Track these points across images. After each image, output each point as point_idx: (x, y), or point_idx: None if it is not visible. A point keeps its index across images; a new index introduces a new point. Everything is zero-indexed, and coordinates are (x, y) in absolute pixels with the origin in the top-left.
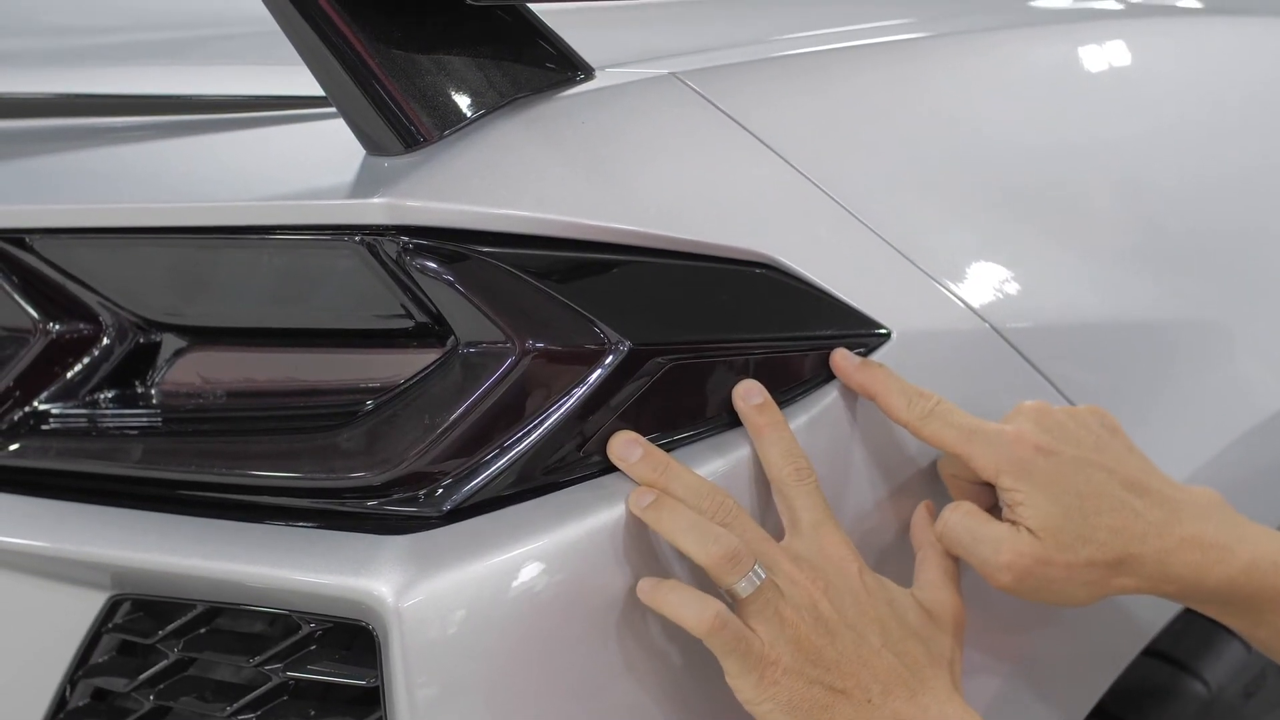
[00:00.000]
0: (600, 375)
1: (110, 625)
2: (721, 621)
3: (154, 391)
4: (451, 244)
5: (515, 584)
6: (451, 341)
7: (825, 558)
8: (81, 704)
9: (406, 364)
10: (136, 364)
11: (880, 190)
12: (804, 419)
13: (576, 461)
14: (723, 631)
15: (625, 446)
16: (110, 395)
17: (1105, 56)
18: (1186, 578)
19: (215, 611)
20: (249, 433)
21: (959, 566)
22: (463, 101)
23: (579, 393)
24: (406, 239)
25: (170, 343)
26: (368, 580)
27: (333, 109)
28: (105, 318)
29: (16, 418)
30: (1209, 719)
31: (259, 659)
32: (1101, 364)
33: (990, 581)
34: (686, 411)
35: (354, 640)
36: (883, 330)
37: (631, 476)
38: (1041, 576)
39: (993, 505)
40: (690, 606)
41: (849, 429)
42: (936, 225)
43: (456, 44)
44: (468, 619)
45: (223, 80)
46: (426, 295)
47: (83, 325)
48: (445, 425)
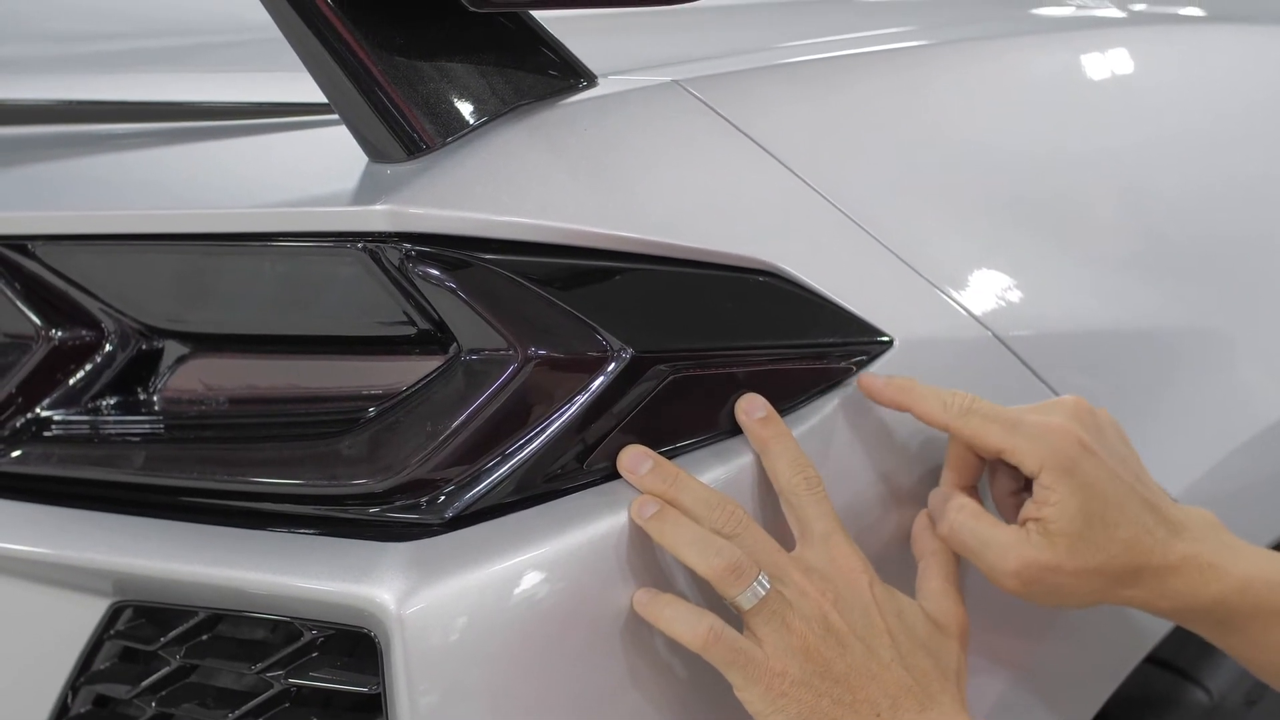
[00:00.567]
0: (603, 383)
1: (112, 632)
2: (715, 635)
3: (156, 398)
4: (454, 251)
5: (517, 591)
6: (454, 348)
7: (836, 569)
8: (83, 711)
9: (409, 371)
10: (139, 370)
11: (883, 197)
12: (806, 427)
13: (579, 469)
14: (717, 645)
15: (635, 459)
16: (112, 402)
17: (1107, 65)
18: (1183, 594)
19: (217, 618)
20: (251, 439)
21: (962, 576)
22: (465, 108)
23: (581, 400)
24: (409, 246)
25: (172, 349)
26: (370, 587)
27: (335, 116)
28: (107, 324)
29: (19, 424)
30: None
31: (261, 666)
32: (1103, 371)
33: (997, 585)
34: (689, 419)
35: (356, 647)
36: (885, 338)
37: (640, 489)
38: (1049, 583)
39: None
40: (684, 621)
41: (851, 436)
42: (939, 233)
43: (459, 51)
44: (470, 626)
45: (225, 87)
46: (429, 302)
47: (85, 332)
48: (447, 432)
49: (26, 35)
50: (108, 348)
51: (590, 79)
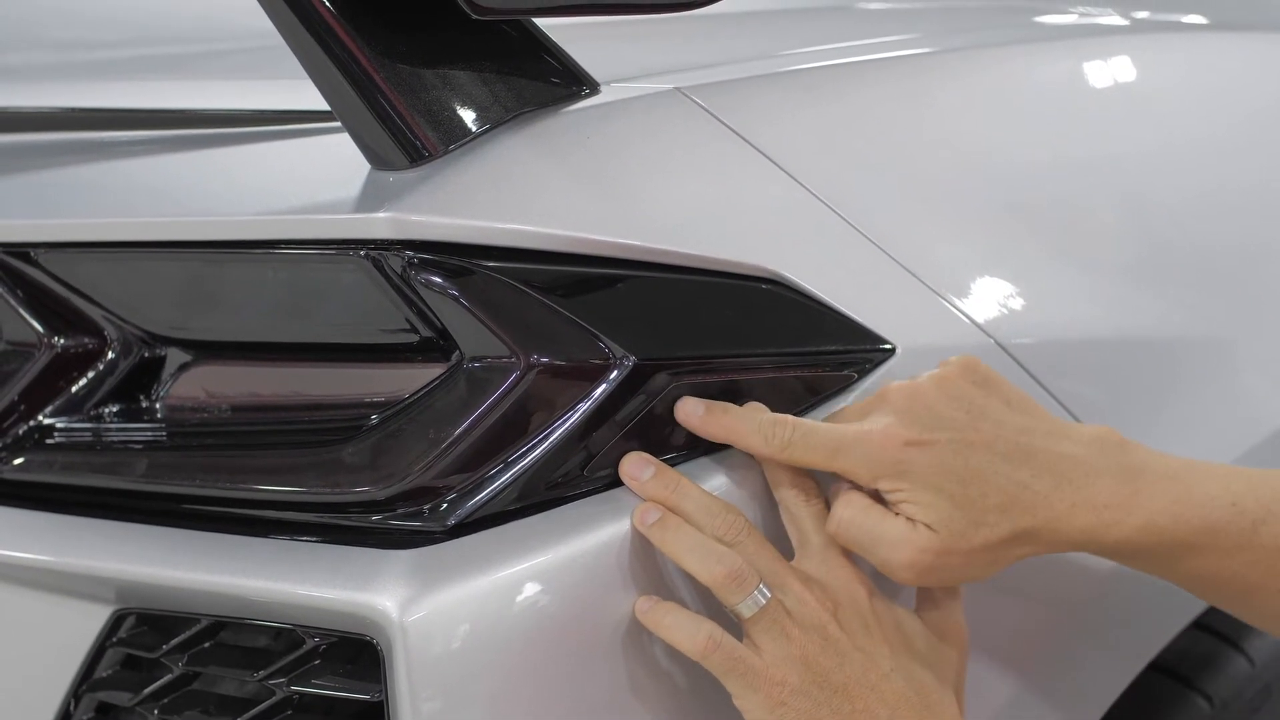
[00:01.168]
0: (605, 390)
1: (114, 639)
2: (714, 643)
3: (159, 406)
4: (456, 259)
5: (520, 599)
6: (456, 356)
7: (835, 579)
8: (86, 718)
9: (411, 378)
10: (141, 378)
11: (885, 205)
12: None
13: (581, 476)
14: (716, 653)
15: (637, 465)
16: (115, 409)
17: (1110, 72)
18: (1081, 540)
19: (219, 626)
20: (253, 447)
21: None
22: (467, 116)
23: (583, 408)
24: (411, 254)
25: (175, 357)
26: (372, 595)
27: (337, 123)
28: (110, 332)
29: (21, 432)
30: None
31: (263, 673)
32: (1106, 379)
33: (893, 579)
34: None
35: (358, 655)
36: (888, 345)
37: (642, 496)
38: (943, 567)
39: None
40: (683, 629)
41: None
42: (942, 240)
43: (461, 58)
44: (472, 633)
45: (228, 95)
46: (431, 310)
47: (87, 339)
48: (450, 440)
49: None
50: (110, 355)
51: (593, 86)
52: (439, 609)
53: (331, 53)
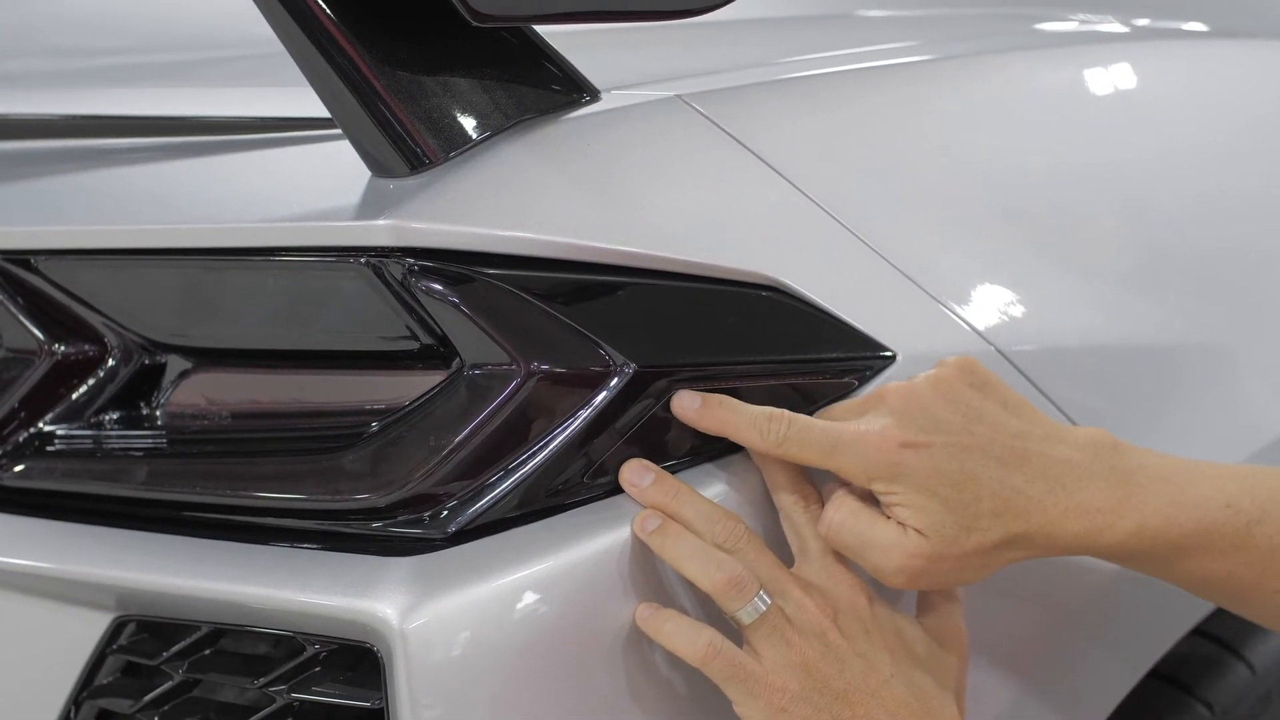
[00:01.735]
0: (605, 397)
1: (115, 646)
2: (715, 650)
3: (159, 413)
4: (457, 266)
5: (520, 606)
6: (456, 363)
7: (835, 585)
8: None
9: (411, 386)
10: (142, 385)
11: (885, 212)
12: None
13: (582, 484)
14: (716, 660)
15: (637, 472)
16: (115, 416)
17: (1110, 79)
18: (1075, 544)
19: (220, 633)
20: (254, 454)
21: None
22: (468, 123)
23: (584, 415)
24: (412, 261)
25: (175, 364)
26: (372, 602)
27: (338, 131)
28: (110, 339)
29: (22, 439)
30: None
31: (263, 680)
32: (1106, 387)
33: (883, 583)
34: (691, 434)
35: (359, 662)
36: (888, 353)
37: (642, 502)
38: (935, 572)
39: None
40: (683, 635)
41: None
42: (941, 247)
43: (462, 66)
44: (472, 641)
45: (228, 102)
46: (432, 317)
47: (88, 346)
48: (450, 447)
49: (30, 50)
50: (111, 362)
51: (593, 93)
52: (439, 616)
53: (332, 60)
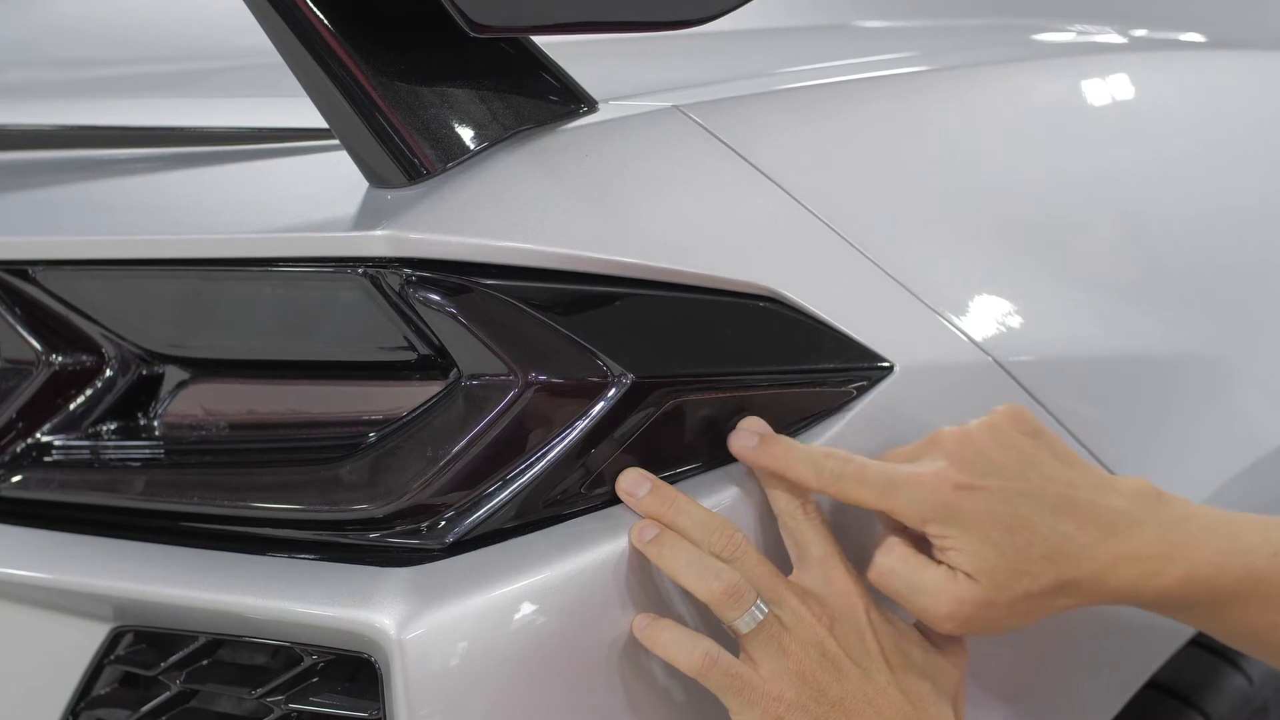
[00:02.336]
0: (603, 408)
1: (112, 657)
2: (711, 660)
3: (157, 423)
4: (454, 276)
5: (518, 616)
6: (454, 374)
7: (833, 593)
8: None
9: (409, 396)
10: (139, 396)
11: (883, 223)
12: None
13: (579, 494)
14: (713, 670)
15: (634, 481)
16: (113, 427)
17: (1108, 90)
18: (1124, 591)
19: (218, 643)
20: (251, 465)
21: None
22: (466, 134)
23: (582, 425)
24: (409, 271)
25: (173, 375)
26: (370, 612)
27: (336, 141)
28: (108, 349)
29: (19, 449)
30: None
31: (261, 691)
32: (1104, 398)
33: (934, 628)
34: (690, 444)
35: (356, 672)
36: (885, 363)
37: (639, 511)
38: (984, 618)
39: None
40: (680, 646)
41: None
42: (939, 258)
43: (460, 76)
44: (470, 651)
45: (226, 112)
46: (429, 328)
47: (85, 357)
48: (448, 458)
49: (29, 61)
50: (108, 373)
51: (591, 104)
52: (437, 627)
53: (330, 71)
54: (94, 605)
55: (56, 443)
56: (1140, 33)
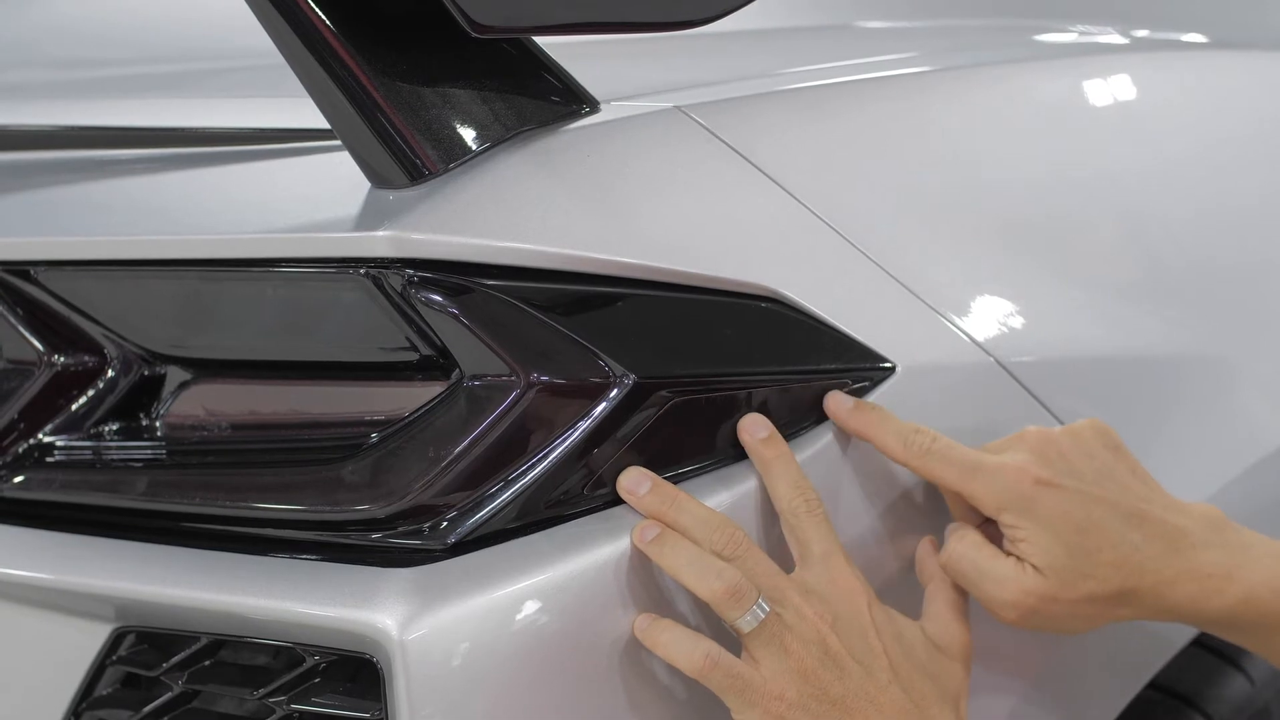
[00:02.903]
0: (605, 408)
1: (114, 658)
2: (712, 661)
3: (158, 424)
4: (456, 277)
5: (520, 617)
6: (456, 374)
7: (835, 591)
8: None
9: (411, 397)
10: (141, 396)
11: (884, 223)
12: (810, 452)
13: (581, 494)
14: (714, 671)
15: (634, 480)
16: (115, 428)
17: (1109, 91)
18: (1185, 608)
19: (219, 644)
20: (253, 465)
21: (967, 600)
22: (467, 134)
23: (584, 426)
24: (411, 272)
25: (175, 375)
26: (372, 613)
27: (337, 142)
28: (110, 350)
29: (21, 450)
30: None
31: (263, 691)
32: (1105, 398)
33: (995, 616)
34: (692, 445)
35: (358, 673)
36: (887, 364)
37: (640, 510)
38: (1046, 613)
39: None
40: (681, 646)
41: (855, 462)
42: (941, 258)
43: (461, 77)
44: (472, 652)
45: (228, 113)
46: (431, 328)
47: (87, 357)
48: (450, 458)
49: (30, 61)
50: (110, 373)
51: (593, 104)
52: (439, 627)
53: (332, 71)
54: (96, 606)
55: (58, 443)
56: (1141, 33)
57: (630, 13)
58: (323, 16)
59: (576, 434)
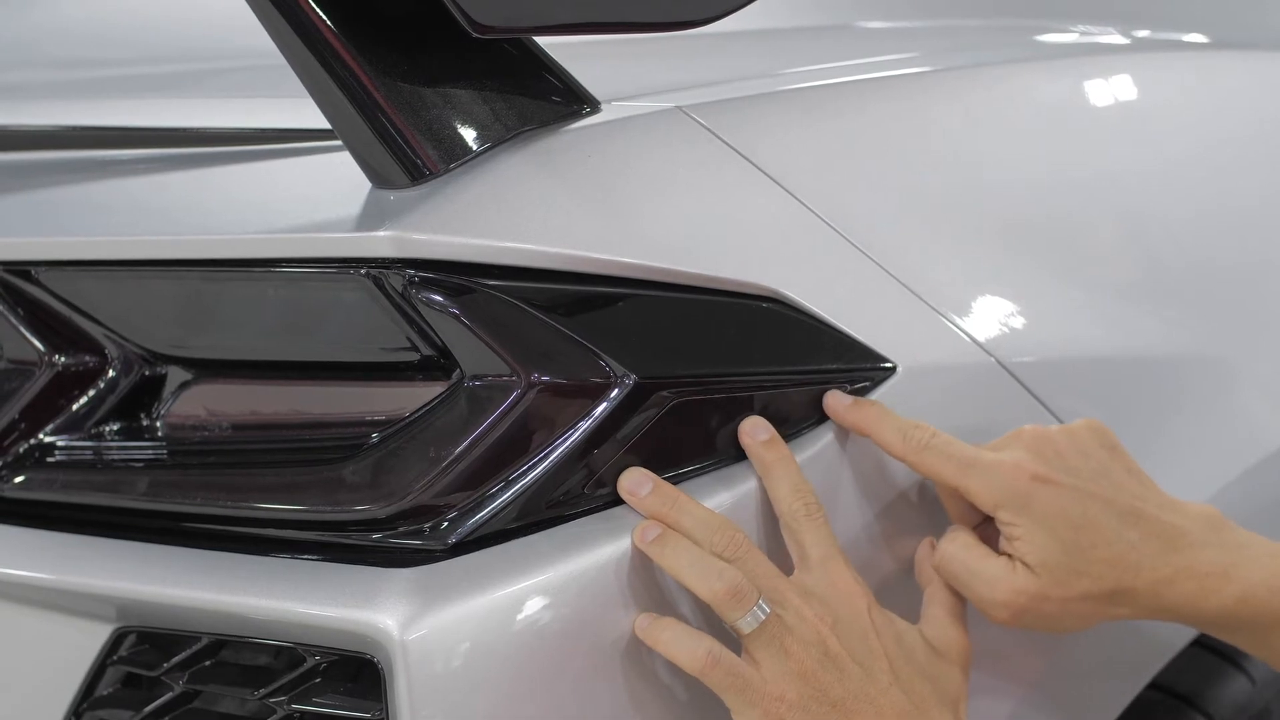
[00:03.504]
0: (606, 409)
1: (115, 658)
2: (713, 660)
3: (159, 424)
4: (457, 277)
5: (520, 617)
6: (457, 374)
7: (834, 593)
8: None
9: (412, 397)
10: (142, 396)
11: (885, 223)
12: (810, 452)
13: (582, 495)
14: (715, 669)
15: (635, 481)
16: (116, 428)
17: (1110, 91)
18: (1181, 607)
19: (220, 644)
20: (254, 465)
21: (965, 603)
22: (468, 135)
23: (584, 426)
24: (412, 272)
25: (176, 375)
26: (373, 613)
27: (338, 142)
28: (111, 350)
29: (22, 450)
30: None
31: (264, 691)
32: (1105, 398)
33: (987, 617)
34: (692, 445)
35: (359, 673)
36: (888, 364)
37: (641, 511)
38: (1039, 612)
39: (988, 524)
40: (682, 644)
41: (854, 463)
42: (941, 259)
43: (462, 77)
44: (473, 652)
45: (229, 113)
46: (432, 328)
47: (88, 357)
48: (451, 458)
49: (31, 62)
50: (111, 373)
51: (594, 105)
52: (440, 627)
53: (333, 71)
54: (97, 606)
55: (59, 443)
56: (1142, 33)
57: (631, 13)
58: (323, 16)
59: (577, 434)
